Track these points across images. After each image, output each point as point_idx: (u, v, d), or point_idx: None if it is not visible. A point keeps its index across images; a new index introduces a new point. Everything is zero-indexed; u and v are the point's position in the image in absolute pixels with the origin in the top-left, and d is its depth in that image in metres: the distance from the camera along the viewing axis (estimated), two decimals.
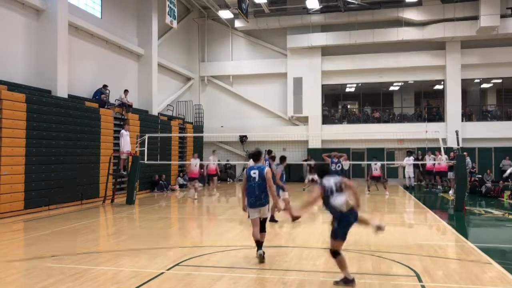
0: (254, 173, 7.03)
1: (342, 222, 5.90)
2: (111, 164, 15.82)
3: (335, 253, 5.89)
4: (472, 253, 7.60)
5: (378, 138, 24.63)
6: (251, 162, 8.35)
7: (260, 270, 6.45)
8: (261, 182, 6.97)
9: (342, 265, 5.82)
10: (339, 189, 5.93)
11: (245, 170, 7.40)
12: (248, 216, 7.12)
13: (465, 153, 14.11)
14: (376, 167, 18.51)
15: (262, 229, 7.11)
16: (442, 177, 20.54)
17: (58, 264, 6.80)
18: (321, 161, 15.28)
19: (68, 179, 14.42)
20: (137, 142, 15.88)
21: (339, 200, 5.80)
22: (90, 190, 15.49)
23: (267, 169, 7.16)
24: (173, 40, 25.82)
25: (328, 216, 11.03)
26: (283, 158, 11.74)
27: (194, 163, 17.71)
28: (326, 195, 5.94)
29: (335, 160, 16.64)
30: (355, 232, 9.98)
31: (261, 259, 6.84)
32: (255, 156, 7.52)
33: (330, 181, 6.00)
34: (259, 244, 6.97)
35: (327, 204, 5.98)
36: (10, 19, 14.16)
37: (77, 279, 5.99)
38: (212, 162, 19.59)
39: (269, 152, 12.58)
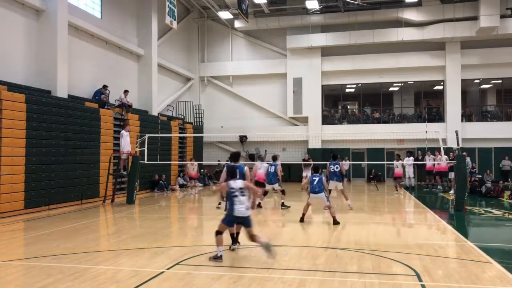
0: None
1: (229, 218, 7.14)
2: (111, 164, 15.82)
3: (217, 232, 7.01)
4: (472, 253, 7.60)
5: (378, 138, 24.66)
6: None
7: (259, 269, 6.44)
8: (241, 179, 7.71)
9: (219, 243, 6.92)
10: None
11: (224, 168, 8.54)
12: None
13: (464, 153, 14.10)
14: (398, 164, 18.91)
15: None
16: (442, 177, 20.54)
17: (58, 263, 6.79)
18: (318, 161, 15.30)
19: (68, 179, 14.42)
20: (137, 142, 15.88)
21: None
22: (90, 190, 15.49)
23: (246, 167, 8.56)
24: (173, 40, 25.83)
25: (327, 216, 11.07)
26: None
27: (191, 168, 19.84)
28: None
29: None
30: (355, 232, 10.01)
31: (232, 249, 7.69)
32: (234, 157, 8.58)
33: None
34: (233, 238, 7.79)
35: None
36: (10, 19, 14.17)
37: (77, 278, 5.98)
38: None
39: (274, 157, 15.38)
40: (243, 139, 26.90)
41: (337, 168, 13.66)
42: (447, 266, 6.72)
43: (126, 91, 18.55)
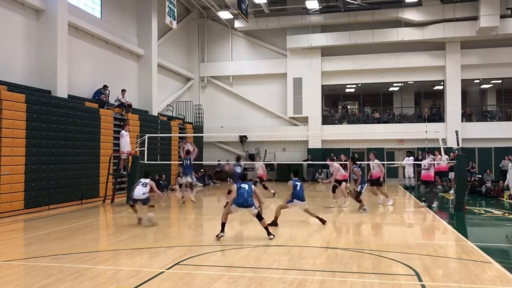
0: (244, 186, 8.96)
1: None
2: (111, 164, 15.82)
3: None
4: (472, 253, 7.60)
5: (378, 138, 24.67)
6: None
7: (259, 269, 6.44)
8: (250, 191, 8.98)
9: None
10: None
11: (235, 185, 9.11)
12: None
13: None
14: (374, 165, 18.02)
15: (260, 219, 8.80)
16: (442, 177, 20.52)
17: (58, 263, 6.79)
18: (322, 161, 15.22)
19: (68, 179, 14.42)
20: (137, 142, 15.88)
21: None
22: (90, 190, 15.49)
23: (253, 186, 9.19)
24: (173, 40, 25.83)
25: (327, 216, 11.03)
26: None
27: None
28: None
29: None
30: (355, 232, 10.00)
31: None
32: (244, 177, 9.66)
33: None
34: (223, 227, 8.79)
35: None
36: (10, 19, 14.17)
37: (77, 278, 5.98)
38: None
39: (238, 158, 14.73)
40: (243, 139, 26.90)
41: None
42: (447, 266, 6.72)
43: (123, 90, 18.52)
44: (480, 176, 21.38)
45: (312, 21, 26.04)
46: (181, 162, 15.93)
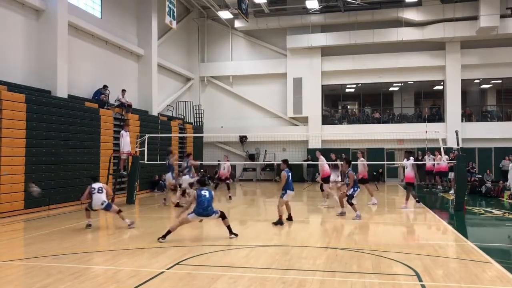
0: (205, 192, 8.72)
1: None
2: (111, 164, 15.82)
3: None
4: (472, 253, 7.60)
5: (378, 138, 24.68)
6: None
7: (259, 269, 6.44)
8: (210, 198, 8.73)
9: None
10: None
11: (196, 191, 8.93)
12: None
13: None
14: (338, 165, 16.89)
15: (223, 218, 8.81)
16: (442, 177, 20.54)
17: (58, 263, 6.79)
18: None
19: (68, 179, 14.41)
20: (137, 142, 15.88)
21: None
22: None
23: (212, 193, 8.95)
24: (173, 40, 25.83)
25: (327, 216, 11.02)
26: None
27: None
28: None
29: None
30: (355, 231, 10.00)
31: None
32: (202, 182, 9.36)
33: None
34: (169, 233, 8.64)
35: None
36: (10, 19, 14.16)
37: (77, 278, 5.98)
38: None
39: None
40: (243, 139, 26.90)
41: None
42: (447, 266, 6.72)
43: (123, 91, 18.52)
44: (480, 176, 21.39)
45: (312, 21, 26.04)
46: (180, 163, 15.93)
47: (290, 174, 10.63)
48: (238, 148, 27.82)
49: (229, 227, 8.83)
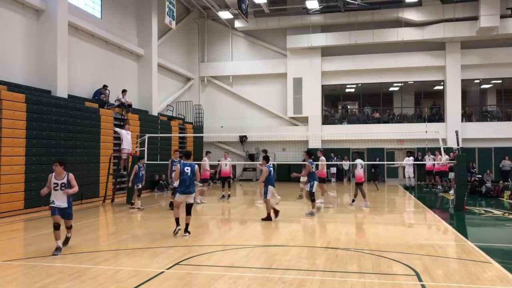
0: (187, 169, 8.92)
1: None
2: (111, 164, 15.82)
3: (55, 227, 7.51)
4: (472, 253, 7.60)
5: (378, 138, 24.68)
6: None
7: (260, 269, 6.44)
8: (192, 176, 8.91)
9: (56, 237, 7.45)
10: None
11: (179, 164, 9.10)
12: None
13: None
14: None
15: (188, 213, 9.01)
16: (442, 177, 20.54)
17: (58, 263, 6.80)
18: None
19: None
20: (137, 142, 15.89)
21: None
22: (90, 190, 15.48)
23: (196, 167, 9.09)
24: (173, 40, 25.83)
25: (327, 216, 11.03)
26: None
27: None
28: None
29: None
30: (355, 231, 10.00)
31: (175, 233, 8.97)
32: (187, 155, 9.60)
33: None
34: (178, 221, 9.07)
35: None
36: (10, 19, 14.16)
37: (77, 278, 5.98)
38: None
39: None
40: (243, 139, 26.91)
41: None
42: (447, 266, 6.72)
43: (124, 91, 18.52)
44: (480, 176, 21.39)
45: (312, 21, 26.04)
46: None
47: (271, 169, 11.14)
48: (238, 148, 27.83)
49: (187, 225, 9.16)
